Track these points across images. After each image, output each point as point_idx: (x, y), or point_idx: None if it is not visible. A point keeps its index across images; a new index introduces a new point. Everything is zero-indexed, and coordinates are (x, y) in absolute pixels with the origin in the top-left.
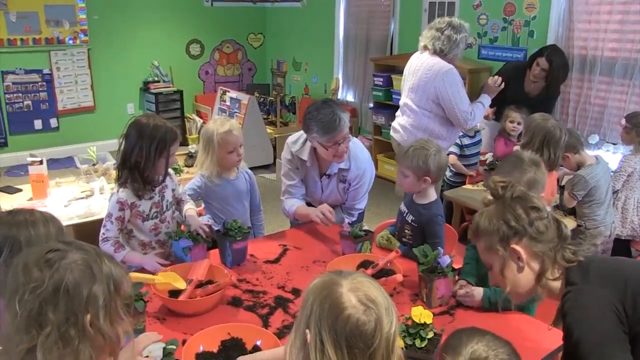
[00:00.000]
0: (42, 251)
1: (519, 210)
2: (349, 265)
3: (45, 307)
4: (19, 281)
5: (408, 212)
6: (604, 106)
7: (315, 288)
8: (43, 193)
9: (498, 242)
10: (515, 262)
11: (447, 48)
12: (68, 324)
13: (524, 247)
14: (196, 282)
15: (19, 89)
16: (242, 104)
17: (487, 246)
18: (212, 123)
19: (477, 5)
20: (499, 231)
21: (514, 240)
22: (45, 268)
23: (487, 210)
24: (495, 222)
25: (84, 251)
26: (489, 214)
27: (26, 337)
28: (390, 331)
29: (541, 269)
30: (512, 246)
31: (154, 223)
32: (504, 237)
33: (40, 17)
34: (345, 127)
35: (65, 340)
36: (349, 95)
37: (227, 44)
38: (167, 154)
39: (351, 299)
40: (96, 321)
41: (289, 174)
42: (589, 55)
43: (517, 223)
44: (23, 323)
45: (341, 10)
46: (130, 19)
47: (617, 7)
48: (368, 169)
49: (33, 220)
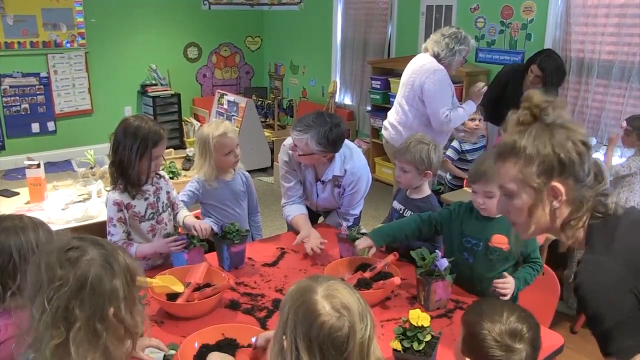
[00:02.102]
0: (62, 249)
1: (569, 144)
2: (346, 268)
3: (72, 303)
4: (43, 280)
5: (405, 208)
6: (601, 109)
7: (291, 295)
8: (40, 196)
9: (538, 174)
10: (548, 200)
11: (443, 53)
12: (94, 318)
13: (566, 187)
14: (194, 286)
15: (17, 92)
16: (239, 107)
17: (521, 172)
18: (207, 127)
19: (475, 9)
20: (545, 162)
21: (558, 177)
22: (68, 266)
23: (529, 131)
24: (542, 148)
25: (100, 246)
26: (535, 136)
27: (56, 332)
28: (364, 336)
29: (571, 215)
30: (554, 183)
31: (151, 224)
32: (548, 170)
33: (37, 20)
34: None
35: (93, 334)
36: (346, 98)
37: (224, 47)
38: (150, 155)
39: (325, 306)
40: (118, 313)
41: (286, 176)
42: (586, 58)
43: (568, 158)
44: (51, 319)
45: (339, 14)
46: (127, 22)
47: (614, 10)
48: (364, 176)
49: (22, 226)
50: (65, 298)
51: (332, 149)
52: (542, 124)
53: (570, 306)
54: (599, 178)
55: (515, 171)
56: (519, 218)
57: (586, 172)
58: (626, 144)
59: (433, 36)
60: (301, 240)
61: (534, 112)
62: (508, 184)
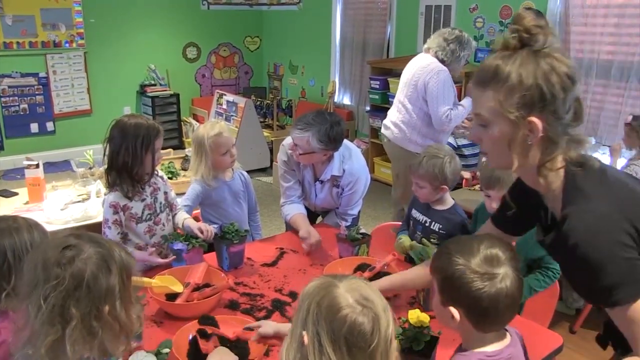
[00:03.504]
0: (58, 247)
1: (554, 77)
2: (346, 268)
3: (68, 301)
4: (39, 278)
5: (432, 221)
6: (600, 109)
7: (311, 290)
8: (39, 197)
9: (517, 107)
10: (523, 135)
11: (448, 60)
12: (90, 316)
13: (544, 123)
14: (193, 286)
15: (15, 93)
16: (238, 107)
17: (500, 102)
18: (202, 128)
19: (474, 9)
20: (527, 94)
21: (538, 112)
22: (64, 265)
23: (514, 57)
24: (526, 79)
25: (97, 244)
26: (520, 64)
27: (52, 329)
28: (387, 332)
29: (544, 156)
30: (532, 118)
31: (148, 225)
32: (529, 103)
33: (36, 20)
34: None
35: (89, 332)
36: (345, 98)
37: (223, 47)
38: (153, 148)
39: (348, 299)
40: (113, 310)
41: (284, 176)
42: (585, 58)
43: (551, 92)
44: (47, 317)
45: (338, 14)
46: (126, 22)
47: (612, 10)
48: (362, 176)
49: (17, 227)
50: (61, 297)
51: (332, 147)
52: (529, 50)
53: (570, 306)
54: (578, 116)
55: (493, 101)
56: (492, 149)
57: (566, 108)
58: (627, 144)
59: (435, 39)
60: (302, 238)
61: (523, 37)
62: (485, 113)
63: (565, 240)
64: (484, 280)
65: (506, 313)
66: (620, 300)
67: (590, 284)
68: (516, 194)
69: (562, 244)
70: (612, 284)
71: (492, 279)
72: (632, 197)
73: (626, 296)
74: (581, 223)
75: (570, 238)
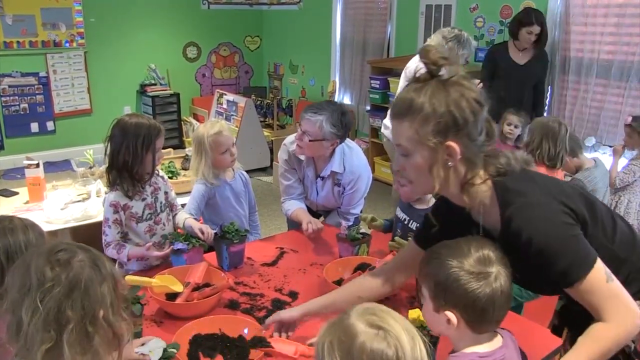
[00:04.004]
0: (51, 251)
1: (464, 102)
2: (346, 267)
3: (64, 304)
4: (32, 282)
5: (410, 219)
6: (600, 109)
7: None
8: (40, 196)
9: (434, 134)
10: (443, 159)
11: None
12: (86, 319)
13: (461, 146)
14: (193, 285)
15: (16, 92)
16: (239, 106)
17: (417, 133)
18: (202, 127)
19: (474, 8)
20: (441, 121)
21: (454, 136)
22: (58, 267)
23: (426, 88)
24: (438, 107)
25: (87, 250)
26: (431, 94)
27: (46, 336)
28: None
29: (467, 174)
30: (449, 142)
31: (149, 225)
32: (443, 130)
33: (36, 20)
34: (305, 118)
35: (86, 336)
36: (346, 97)
37: (224, 47)
38: (154, 148)
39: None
40: (107, 315)
41: (284, 174)
42: (586, 58)
43: (463, 117)
44: (42, 322)
45: (338, 13)
46: (127, 22)
47: (613, 10)
48: (363, 174)
49: (12, 227)
50: (57, 299)
51: (343, 133)
52: (438, 81)
53: None
54: (490, 134)
55: (411, 131)
56: (416, 177)
57: (479, 130)
58: (628, 145)
59: (435, 37)
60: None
61: (431, 69)
62: (405, 143)
63: (516, 240)
64: (479, 280)
65: (500, 311)
66: (576, 279)
67: (547, 272)
68: (440, 213)
69: (513, 244)
70: (567, 265)
71: (486, 278)
72: (554, 183)
73: (580, 272)
74: (526, 218)
75: (521, 235)
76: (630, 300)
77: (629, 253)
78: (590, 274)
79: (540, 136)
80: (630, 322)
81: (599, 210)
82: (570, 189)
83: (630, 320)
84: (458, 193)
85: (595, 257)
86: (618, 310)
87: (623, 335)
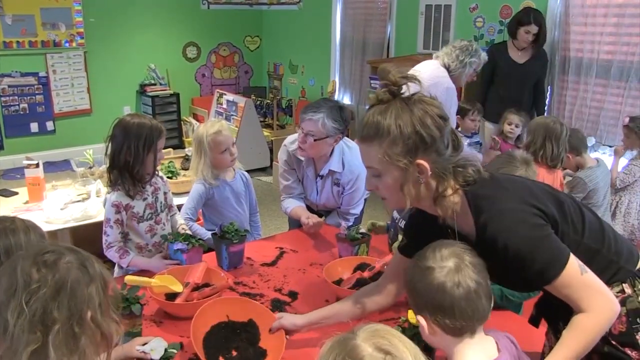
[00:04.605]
0: (38, 253)
1: (429, 120)
2: (345, 267)
3: (51, 305)
4: (19, 284)
5: (400, 218)
6: (600, 109)
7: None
8: (39, 196)
9: (403, 154)
10: (414, 177)
11: (453, 65)
12: (73, 320)
13: (430, 162)
14: (193, 285)
15: (15, 92)
16: (238, 106)
17: (386, 154)
18: (202, 126)
19: (474, 8)
20: (409, 142)
21: (422, 154)
22: (45, 268)
23: (390, 110)
24: (405, 129)
25: (75, 252)
26: (396, 115)
27: (32, 337)
28: None
29: (438, 187)
30: (419, 161)
31: (149, 224)
32: (412, 149)
33: (36, 20)
34: (305, 119)
35: (72, 337)
36: (345, 97)
37: (223, 47)
38: (155, 149)
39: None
40: (95, 316)
41: (284, 175)
42: (585, 58)
43: (430, 135)
44: (28, 324)
45: (338, 13)
46: (126, 22)
47: (612, 10)
48: (363, 174)
49: (13, 228)
50: (43, 300)
51: (344, 127)
52: (401, 100)
53: None
54: (456, 146)
55: (381, 153)
56: (389, 195)
57: (446, 144)
58: (626, 146)
59: (444, 48)
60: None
61: (392, 90)
62: (375, 165)
63: (493, 245)
64: (433, 274)
65: (465, 305)
66: (553, 276)
67: (525, 273)
68: (415, 225)
69: (489, 249)
70: (543, 264)
71: (441, 271)
72: (523, 186)
73: (556, 270)
74: (500, 225)
75: (497, 241)
76: (605, 288)
77: (599, 245)
78: (565, 270)
79: (542, 137)
80: (609, 308)
81: (567, 207)
82: (538, 190)
83: (608, 307)
84: (430, 205)
85: (569, 254)
86: (596, 300)
87: (604, 323)
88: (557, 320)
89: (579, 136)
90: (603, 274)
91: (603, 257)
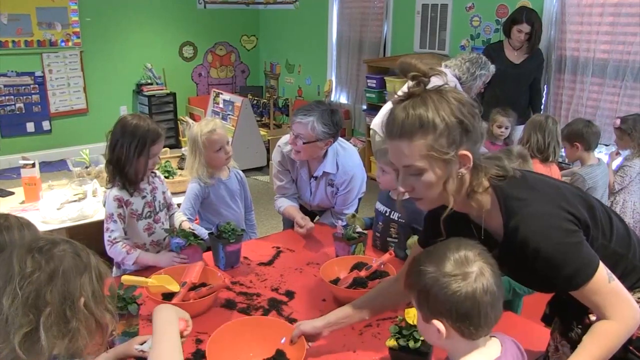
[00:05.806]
0: (33, 242)
1: (465, 108)
2: (342, 267)
3: (44, 289)
4: (14, 270)
5: (391, 210)
6: (596, 107)
7: None
8: (35, 196)
9: (449, 145)
10: (456, 170)
11: (464, 77)
12: (65, 305)
13: (471, 153)
14: (189, 285)
15: (11, 92)
16: (235, 106)
17: (432, 147)
18: (197, 125)
19: (470, 7)
20: (453, 132)
21: (465, 144)
22: (39, 255)
23: (427, 102)
24: (447, 118)
25: (69, 242)
26: (437, 107)
27: (26, 319)
28: None
29: (472, 181)
30: (462, 151)
31: (148, 223)
32: (456, 139)
33: (32, 19)
34: (295, 121)
35: (63, 320)
36: (342, 97)
37: (220, 46)
38: (147, 153)
39: None
40: (89, 304)
41: (278, 175)
42: (581, 57)
43: (470, 123)
44: (22, 307)
45: (334, 13)
46: (123, 21)
47: (608, 9)
48: (357, 175)
49: (8, 225)
50: (37, 284)
51: (335, 132)
52: (435, 92)
53: None
54: (483, 134)
55: (427, 148)
56: (430, 193)
57: (479, 133)
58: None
59: (453, 59)
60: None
61: (423, 81)
62: (418, 162)
63: (522, 249)
64: (458, 282)
65: (490, 312)
66: (581, 283)
67: (553, 278)
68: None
69: (517, 251)
70: (573, 271)
71: (466, 278)
72: (555, 189)
73: (585, 277)
74: (531, 229)
75: (528, 246)
76: (630, 297)
77: (625, 250)
78: (594, 277)
79: (529, 131)
80: (632, 317)
81: (597, 211)
82: (568, 192)
83: (631, 315)
84: (463, 200)
85: (598, 261)
86: (620, 308)
87: (627, 331)
88: (570, 320)
89: (594, 130)
90: (627, 279)
91: (629, 262)
